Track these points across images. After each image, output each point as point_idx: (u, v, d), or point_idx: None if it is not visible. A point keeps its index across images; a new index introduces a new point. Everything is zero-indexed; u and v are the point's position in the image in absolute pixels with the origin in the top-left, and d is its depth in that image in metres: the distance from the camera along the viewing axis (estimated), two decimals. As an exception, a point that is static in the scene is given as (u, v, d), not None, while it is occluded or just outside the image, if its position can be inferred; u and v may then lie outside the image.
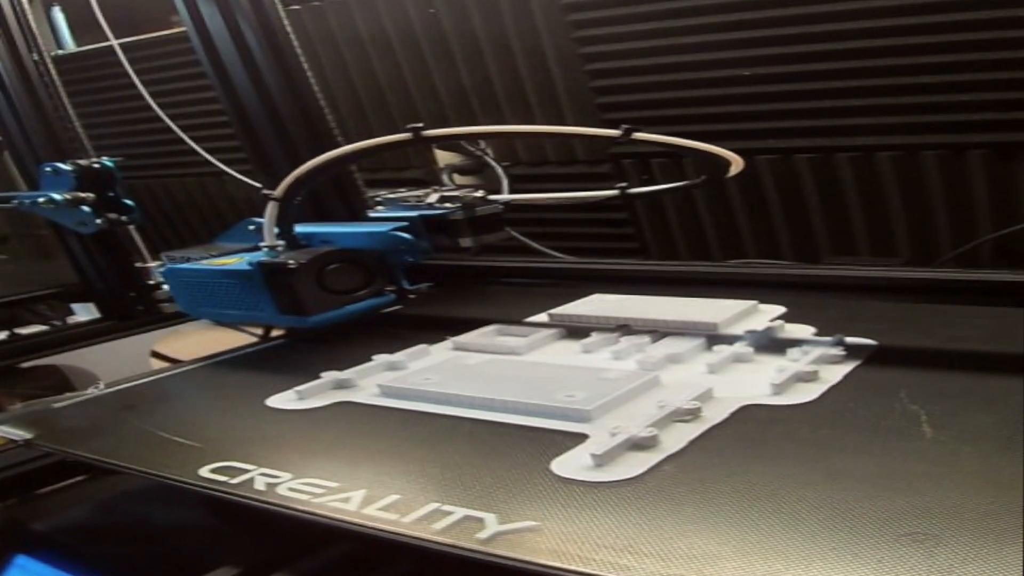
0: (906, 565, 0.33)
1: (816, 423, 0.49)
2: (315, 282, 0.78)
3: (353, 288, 0.81)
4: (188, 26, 1.11)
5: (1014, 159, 1.00)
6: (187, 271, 0.87)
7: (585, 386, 0.54)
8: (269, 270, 0.78)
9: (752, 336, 0.64)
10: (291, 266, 0.77)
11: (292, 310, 0.78)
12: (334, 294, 0.79)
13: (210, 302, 0.85)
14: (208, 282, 0.85)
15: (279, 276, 0.77)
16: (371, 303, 0.82)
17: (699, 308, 0.71)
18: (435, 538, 0.39)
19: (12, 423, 0.63)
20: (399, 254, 0.85)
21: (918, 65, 0.99)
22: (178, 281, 0.89)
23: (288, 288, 0.77)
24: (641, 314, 0.72)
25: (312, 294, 0.77)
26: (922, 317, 0.70)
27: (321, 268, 0.79)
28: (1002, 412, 0.46)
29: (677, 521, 0.39)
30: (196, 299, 0.87)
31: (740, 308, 0.72)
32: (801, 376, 0.55)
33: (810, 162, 1.12)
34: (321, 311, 0.78)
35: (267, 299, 0.79)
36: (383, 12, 1.37)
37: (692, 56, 1.12)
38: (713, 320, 0.68)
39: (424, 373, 0.63)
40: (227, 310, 0.84)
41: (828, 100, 1.07)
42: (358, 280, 0.82)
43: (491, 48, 1.29)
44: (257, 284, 0.79)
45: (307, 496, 0.45)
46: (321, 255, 0.79)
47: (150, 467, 0.52)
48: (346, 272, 0.80)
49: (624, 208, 1.31)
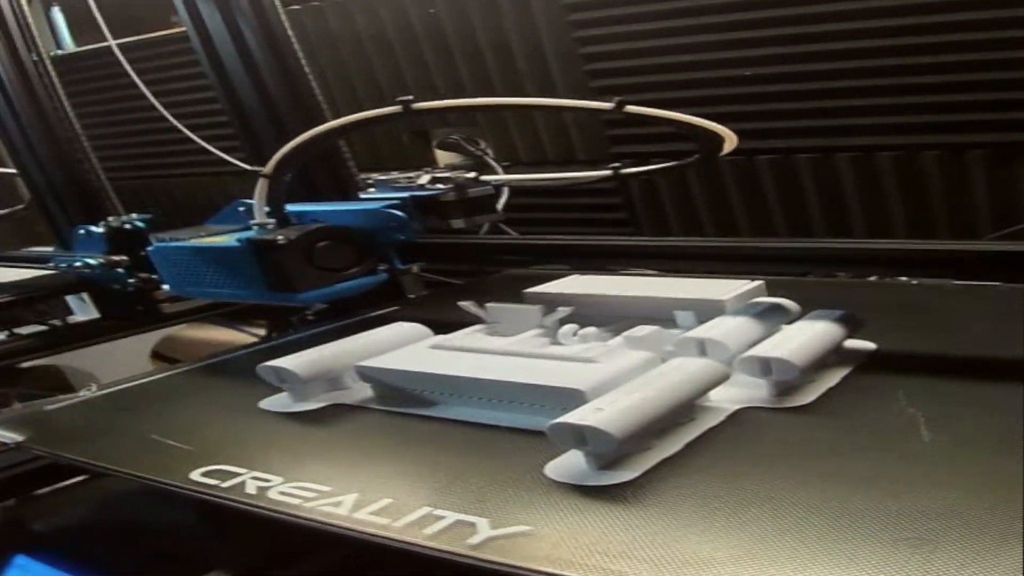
0: (904, 569, 0.33)
1: (813, 426, 0.48)
2: (305, 259, 0.77)
3: (344, 266, 0.80)
4: (188, 26, 1.11)
5: (1014, 159, 1.00)
6: (175, 249, 0.87)
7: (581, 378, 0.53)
8: (258, 247, 0.77)
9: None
10: (280, 242, 0.76)
11: (282, 287, 0.77)
12: (324, 271, 0.78)
13: (199, 281, 0.84)
14: (197, 260, 0.84)
15: (268, 252, 0.77)
16: (362, 282, 0.81)
17: (693, 288, 0.69)
18: (426, 543, 0.39)
19: (4, 425, 0.63)
20: (390, 232, 0.84)
21: (918, 65, 0.98)
22: (166, 260, 0.88)
23: (277, 265, 0.76)
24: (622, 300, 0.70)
25: (302, 271, 0.77)
26: (921, 319, 0.69)
27: (311, 245, 0.78)
28: (1001, 414, 0.46)
29: (672, 525, 0.38)
30: (184, 278, 0.86)
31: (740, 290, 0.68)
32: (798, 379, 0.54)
33: (810, 162, 1.12)
34: (311, 288, 0.77)
35: (256, 276, 0.78)
36: (383, 12, 1.36)
37: (692, 56, 1.12)
38: (718, 297, 0.65)
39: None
40: (216, 288, 0.83)
41: (828, 100, 1.06)
42: (349, 258, 0.80)
43: (491, 48, 1.29)
44: (246, 261, 0.78)
45: (298, 500, 0.45)
46: (311, 231, 0.78)
47: (141, 470, 0.52)
48: (337, 249, 0.79)
49: (624, 208, 1.31)
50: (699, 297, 0.66)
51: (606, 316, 0.67)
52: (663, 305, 0.67)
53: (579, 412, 0.46)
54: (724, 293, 0.65)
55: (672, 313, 0.66)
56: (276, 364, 0.62)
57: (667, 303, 0.67)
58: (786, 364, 0.52)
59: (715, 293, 0.66)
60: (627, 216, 1.31)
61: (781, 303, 0.64)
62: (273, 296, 0.79)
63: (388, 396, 0.60)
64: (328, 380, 0.63)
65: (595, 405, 0.46)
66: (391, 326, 0.69)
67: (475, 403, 0.56)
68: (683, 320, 0.65)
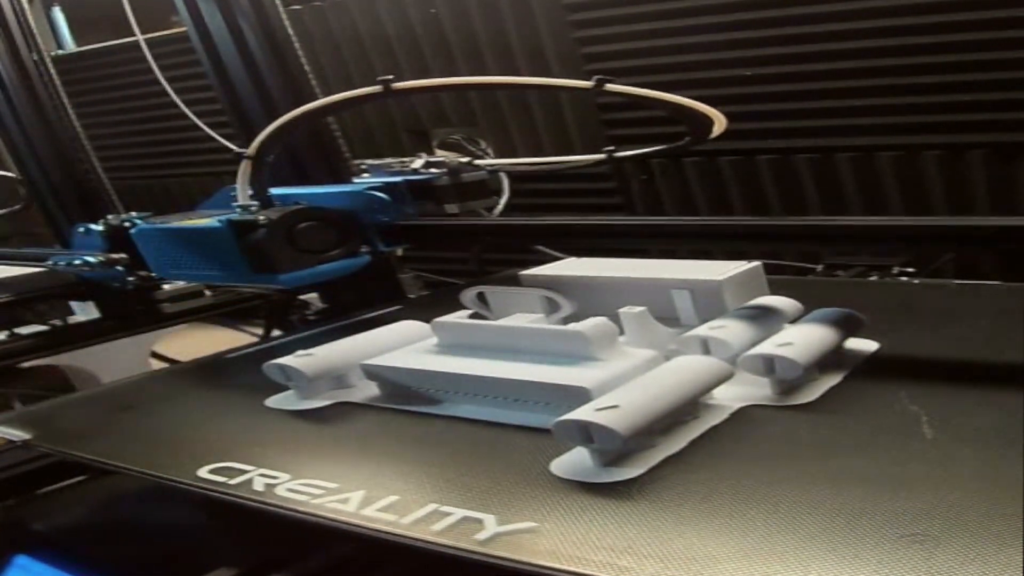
0: (906, 566, 0.33)
1: (816, 424, 0.49)
2: (286, 240, 0.76)
3: (326, 248, 0.79)
4: (188, 26, 1.11)
5: (1014, 159, 1.00)
6: (158, 231, 0.86)
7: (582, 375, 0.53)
8: (238, 227, 0.77)
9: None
10: (261, 222, 0.75)
11: (263, 268, 0.76)
12: (306, 253, 0.77)
13: (181, 263, 0.84)
14: (179, 242, 0.83)
15: (249, 233, 0.76)
16: (345, 264, 0.80)
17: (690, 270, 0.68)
18: (434, 539, 0.39)
19: (11, 424, 0.63)
20: (374, 213, 0.83)
21: (918, 65, 0.99)
22: (149, 242, 0.87)
23: (258, 246, 0.76)
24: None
25: (283, 252, 0.76)
26: (923, 318, 0.70)
27: (292, 226, 0.77)
28: (1003, 413, 0.46)
29: (676, 522, 0.39)
30: (167, 260, 0.86)
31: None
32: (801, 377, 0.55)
33: (810, 162, 1.13)
34: (292, 270, 0.76)
35: (238, 258, 0.77)
36: (383, 12, 1.37)
37: (693, 56, 1.13)
38: (714, 278, 0.65)
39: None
40: (198, 271, 0.83)
41: (828, 100, 1.07)
42: (331, 239, 0.79)
43: (491, 48, 1.29)
44: (228, 242, 0.77)
45: (306, 497, 0.45)
46: (292, 212, 0.77)
47: (149, 468, 0.52)
48: (319, 231, 0.78)
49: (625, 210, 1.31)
50: (695, 277, 0.66)
51: (603, 297, 0.67)
52: (659, 285, 0.67)
53: (585, 410, 0.46)
54: (720, 274, 0.65)
55: (669, 293, 0.66)
56: (282, 362, 0.62)
57: (663, 283, 0.66)
58: (789, 363, 0.52)
59: (711, 274, 0.66)
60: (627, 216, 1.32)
61: (783, 302, 0.64)
62: (254, 278, 0.78)
63: (394, 394, 0.60)
64: (334, 378, 0.63)
65: (600, 403, 0.47)
66: (396, 325, 0.69)
67: (481, 401, 0.56)
68: (680, 300, 0.65)
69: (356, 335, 0.67)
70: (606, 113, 1.24)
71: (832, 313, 0.60)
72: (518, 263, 0.97)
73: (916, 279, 0.90)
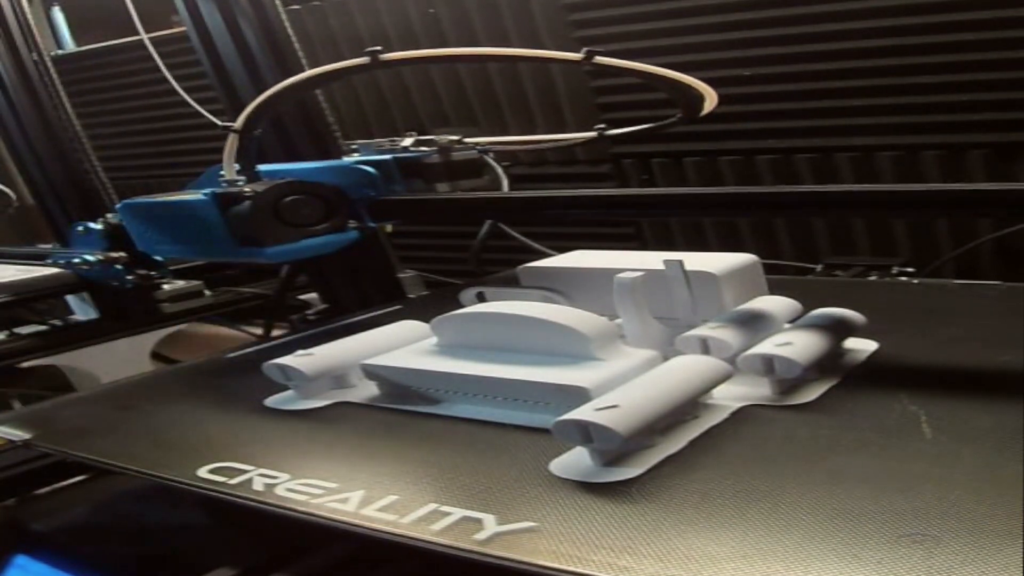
0: (905, 566, 0.33)
1: (816, 423, 0.49)
2: (272, 213, 0.75)
3: (313, 222, 0.78)
4: (188, 26, 1.11)
5: (1014, 159, 1.00)
6: (142, 205, 0.85)
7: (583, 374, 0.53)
8: (223, 200, 0.76)
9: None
10: (247, 194, 0.75)
11: (248, 242, 0.76)
12: (293, 227, 0.77)
13: (166, 238, 0.83)
14: (164, 216, 0.83)
15: (233, 206, 0.75)
16: (331, 239, 0.80)
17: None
18: (433, 539, 0.39)
19: (11, 423, 0.63)
20: (362, 188, 0.82)
21: (918, 65, 0.99)
22: (133, 217, 0.87)
23: (244, 218, 0.75)
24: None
25: (269, 225, 0.75)
26: (923, 317, 0.70)
27: (278, 199, 0.76)
28: (1003, 413, 0.46)
29: (676, 521, 0.39)
30: (152, 236, 0.85)
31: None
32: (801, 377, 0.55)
33: (810, 162, 1.13)
34: (278, 243, 0.76)
35: (223, 232, 0.77)
36: (383, 12, 1.37)
37: (692, 56, 1.13)
38: (711, 271, 0.64)
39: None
40: (183, 245, 0.82)
41: (828, 100, 1.07)
42: (318, 213, 0.79)
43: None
44: (213, 216, 0.77)
45: (305, 497, 0.45)
46: (278, 185, 0.77)
47: (148, 467, 0.52)
48: (305, 204, 0.78)
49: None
50: (692, 269, 0.66)
51: (604, 289, 0.66)
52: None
53: (584, 409, 0.46)
54: (716, 267, 0.65)
55: (669, 286, 0.65)
56: (282, 362, 0.62)
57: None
58: (789, 362, 0.52)
59: (708, 266, 0.66)
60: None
61: (782, 302, 0.64)
62: (239, 252, 0.78)
63: (394, 394, 0.60)
64: (334, 378, 0.63)
65: (600, 402, 0.47)
66: (396, 324, 0.69)
67: (480, 400, 0.56)
68: (677, 292, 0.65)
69: (356, 335, 0.67)
70: (607, 113, 1.24)
71: (831, 313, 0.60)
72: (518, 263, 0.97)
73: (916, 279, 0.90)
